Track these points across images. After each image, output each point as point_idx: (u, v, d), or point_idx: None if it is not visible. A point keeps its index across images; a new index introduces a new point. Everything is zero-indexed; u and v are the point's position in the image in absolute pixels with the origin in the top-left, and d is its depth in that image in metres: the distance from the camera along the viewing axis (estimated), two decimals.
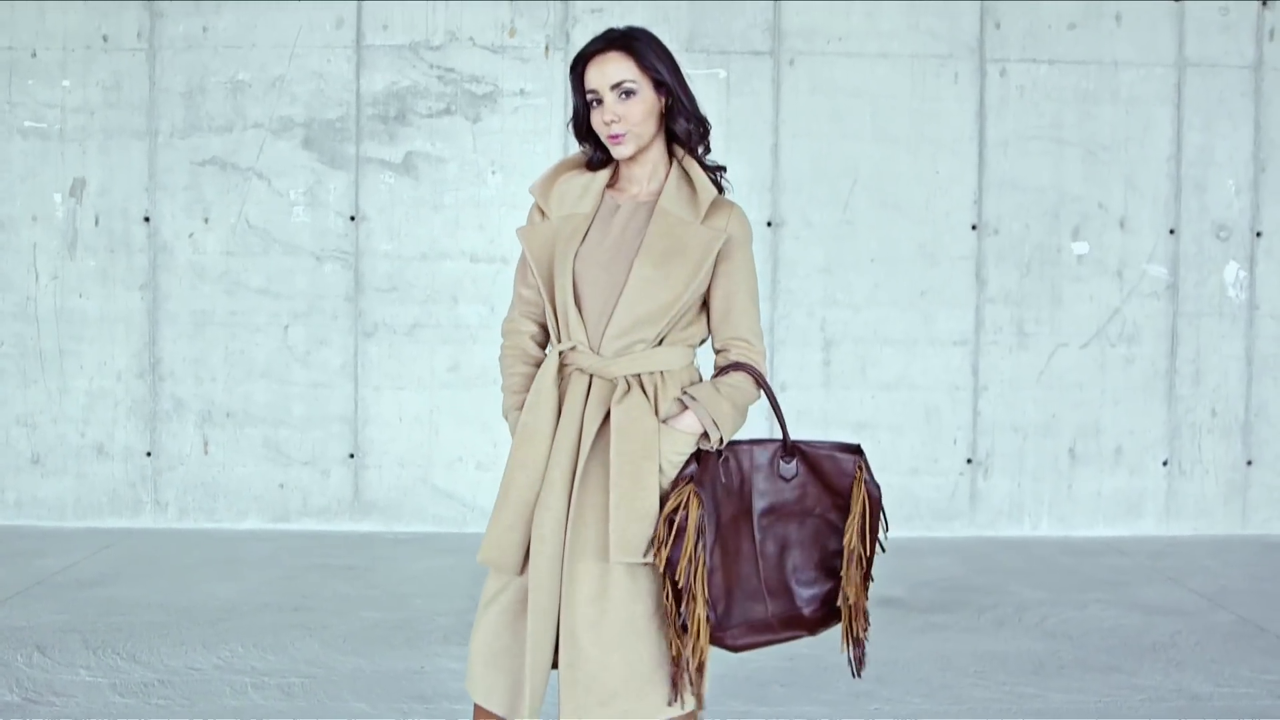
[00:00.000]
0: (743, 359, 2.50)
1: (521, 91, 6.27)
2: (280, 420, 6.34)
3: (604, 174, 2.54)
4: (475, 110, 6.28)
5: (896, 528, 6.37)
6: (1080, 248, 6.47)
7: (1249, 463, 6.57)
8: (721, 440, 2.42)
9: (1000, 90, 6.43)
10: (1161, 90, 6.50)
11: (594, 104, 2.45)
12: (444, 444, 6.34)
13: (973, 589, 5.35)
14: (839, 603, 2.46)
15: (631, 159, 2.51)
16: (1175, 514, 6.55)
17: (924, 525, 6.43)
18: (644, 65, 2.42)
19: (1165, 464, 6.55)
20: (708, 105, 6.12)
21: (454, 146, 6.28)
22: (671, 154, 2.55)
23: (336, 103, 6.27)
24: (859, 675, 2.51)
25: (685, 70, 2.54)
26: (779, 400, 2.56)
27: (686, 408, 2.43)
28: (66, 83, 6.31)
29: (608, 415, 2.42)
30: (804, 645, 4.39)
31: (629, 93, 2.41)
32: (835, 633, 2.54)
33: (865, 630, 2.49)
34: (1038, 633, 4.69)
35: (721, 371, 2.51)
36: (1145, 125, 6.50)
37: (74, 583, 5.25)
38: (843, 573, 2.44)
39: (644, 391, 2.43)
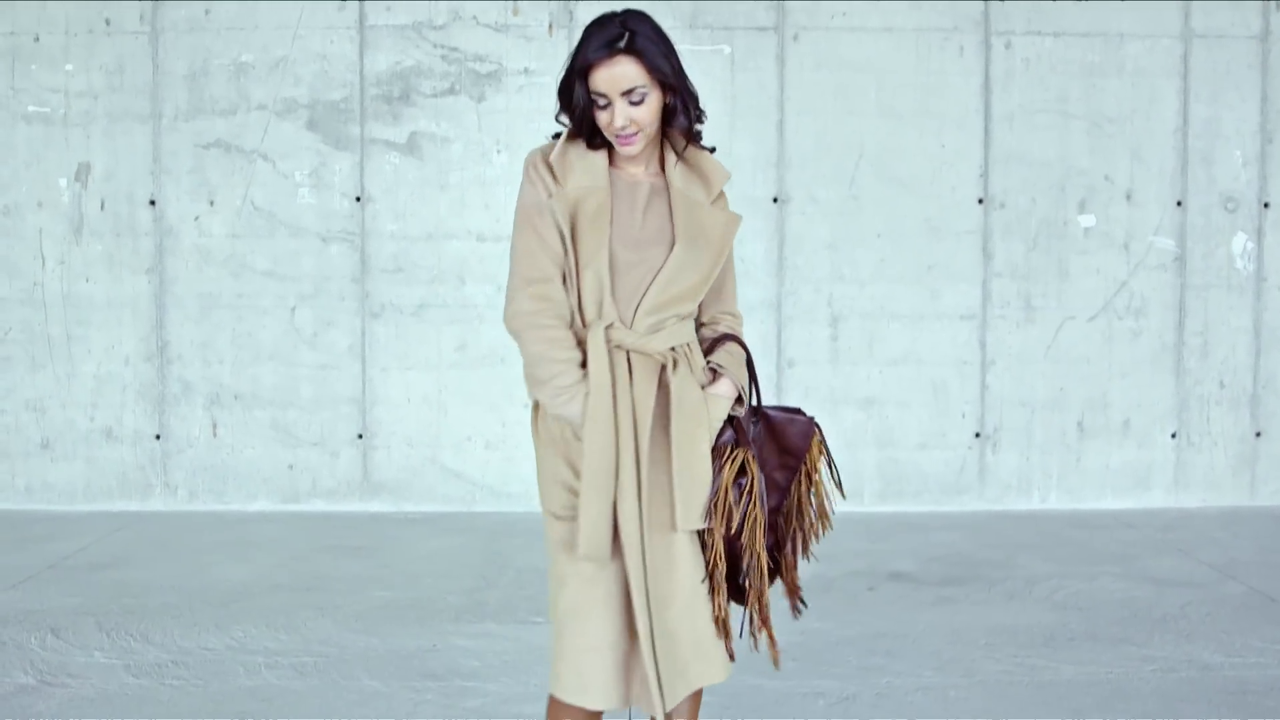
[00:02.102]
0: (730, 330, 2.62)
1: (526, 70, 6.26)
2: (288, 402, 6.35)
3: (604, 151, 2.50)
4: (479, 89, 6.27)
5: (904, 503, 6.40)
6: (1087, 221, 6.46)
7: (1258, 434, 6.57)
8: (743, 402, 2.53)
9: (1006, 64, 6.40)
10: (1168, 62, 6.48)
11: (602, 107, 2.41)
12: (452, 424, 6.35)
13: (982, 563, 5.35)
14: (778, 554, 2.64)
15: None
16: (1184, 486, 6.55)
17: (932, 500, 6.44)
18: (652, 69, 2.39)
19: (1174, 436, 6.54)
20: (712, 82, 6.12)
21: (458, 126, 6.27)
22: (663, 134, 2.53)
23: (340, 84, 6.26)
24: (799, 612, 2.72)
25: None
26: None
27: (718, 376, 2.51)
28: (69, 67, 6.30)
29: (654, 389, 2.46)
30: (816, 620, 4.42)
31: (640, 100, 2.39)
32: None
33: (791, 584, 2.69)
34: (1048, 605, 4.70)
35: (718, 341, 2.58)
36: (1151, 97, 6.48)
37: (86, 566, 5.27)
38: (782, 527, 2.60)
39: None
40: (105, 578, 5.07)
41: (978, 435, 6.46)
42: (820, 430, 2.61)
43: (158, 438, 6.38)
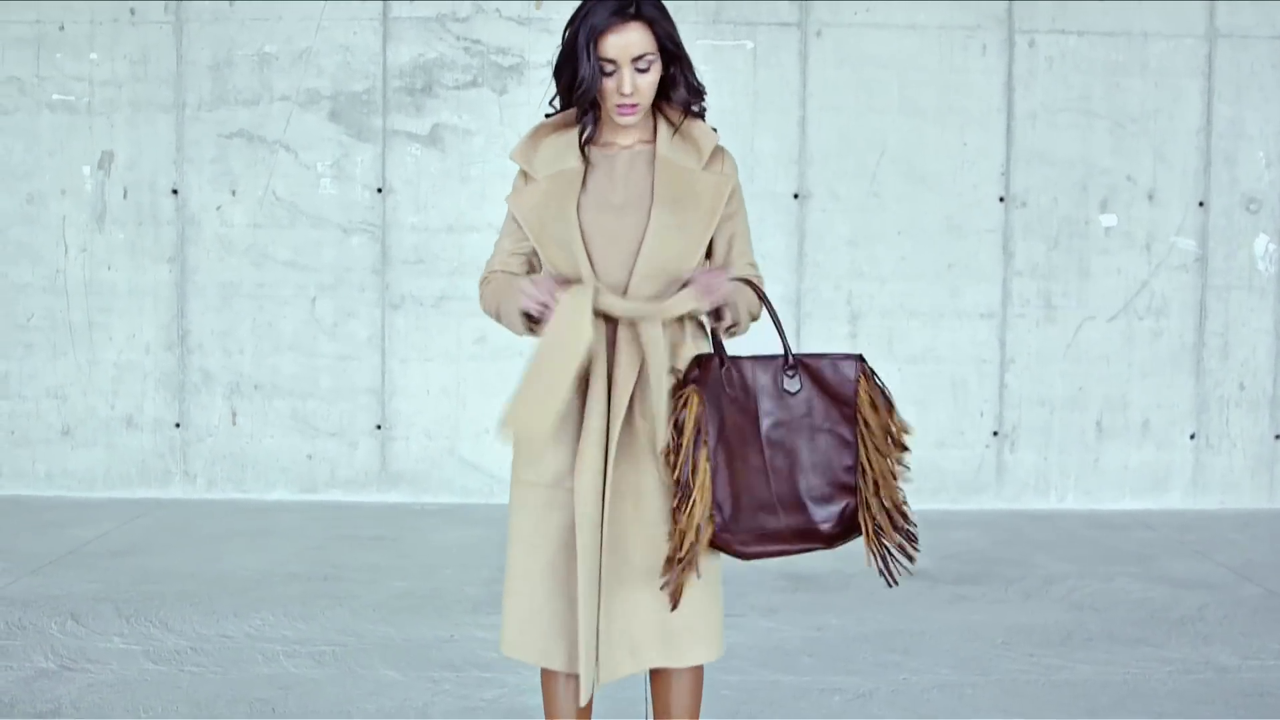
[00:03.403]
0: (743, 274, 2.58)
1: (549, 63, 6.24)
2: (308, 392, 6.38)
3: (578, 129, 2.54)
4: (502, 82, 6.29)
5: (921, 501, 6.30)
6: (1108, 220, 6.44)
7: (1277, 437, 6.54)
8: (729, 320, 2.50)
9: (1029, 62, 6.39)
10: (1192, 62, 6.45)
11: (609, 74, 2.45)
12: (471, 415, 6.36)
13: (999, 561, 5.35)
14: (860, 518, 2.45)
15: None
16: (1202, 488, 6.53)
17: (949, 499, 6.42)
18: (659, 36, 2.45)
19: (1193, 438, 6.52)
20: (734, 77, 6.12)
21: (481, 119, 6.29)
22: (655, 106, 2.55)
23: (363, 75, 6.28)
24: (894, 583, 2.45)
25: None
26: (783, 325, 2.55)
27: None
28: (94, 56, 6.33)
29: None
30: (833, 616, 4.44)
31: (645, 68, 2.45)
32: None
33: (905, 533, 2.46)
34: (1064, 605, 4.70)
35: None
36: (1175, 97, 6.46)
37: (106, 552, 5.30)
38: (862, 485, 2.45)
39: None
40: (125, 564, 5.10)
41: (996, 434, 6.45)
42: (868, 371, 2.47)
43: (177, 426, 6.41)
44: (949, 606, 4.66)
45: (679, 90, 2.52)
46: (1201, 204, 6.46)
